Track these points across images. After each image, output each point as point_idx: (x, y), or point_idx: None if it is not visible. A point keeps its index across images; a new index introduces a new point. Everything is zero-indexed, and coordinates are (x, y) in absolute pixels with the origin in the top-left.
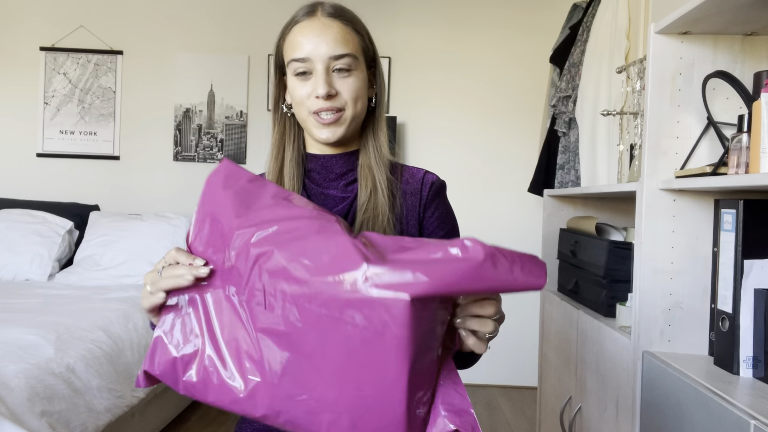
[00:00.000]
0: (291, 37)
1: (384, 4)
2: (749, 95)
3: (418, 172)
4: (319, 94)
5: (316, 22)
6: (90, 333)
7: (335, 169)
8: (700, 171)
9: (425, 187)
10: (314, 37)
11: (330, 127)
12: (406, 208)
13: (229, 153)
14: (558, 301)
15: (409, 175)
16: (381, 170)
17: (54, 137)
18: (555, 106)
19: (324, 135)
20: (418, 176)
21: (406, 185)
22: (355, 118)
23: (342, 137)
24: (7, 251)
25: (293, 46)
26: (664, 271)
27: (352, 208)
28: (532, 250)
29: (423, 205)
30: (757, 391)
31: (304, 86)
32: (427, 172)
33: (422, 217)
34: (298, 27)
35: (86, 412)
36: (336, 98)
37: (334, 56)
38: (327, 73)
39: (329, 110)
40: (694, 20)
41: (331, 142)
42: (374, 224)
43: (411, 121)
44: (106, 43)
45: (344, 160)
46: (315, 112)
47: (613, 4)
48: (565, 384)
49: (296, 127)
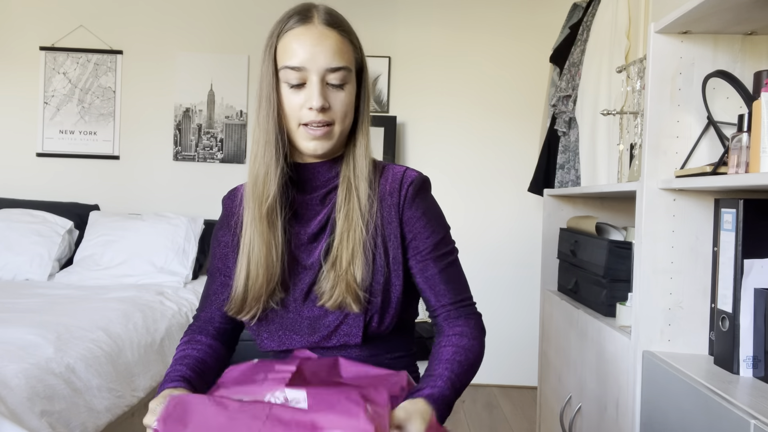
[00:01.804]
0: (285, 42)
1: (384, 4)
2: (749, 95)
3: (399, 169)
4: (313, 105)
5: (313, 30)
6: (90, 333)
7: (319, 177)
8: (700, 170)
9: (404, 185)
10: (311, 46)
11: (319, 140)
12: (384, 209)
13: (229, 153)
14: (558, 301)
15: (390, 174)
16: (361, 178)
17: (54, 137)
18: (555, 105)
19: (312, 147)
20: (398, 174)
21: (386, 184)
22: (342, 133)
23: (329, 151)
24: (7, 251)
25: (287, 53)
26: (664, 271)
27: (331, 217)
28: (532, 250)
29: (402, 204)
30: (757, 390)
31: (296, 96)
32: (408, 169)
33: (402, 218)
34: (293, 34)
35: (86, 412)
36: (328, 111)
37: (330, 68)
38: (322, 85)
39: (320, 124)
40: (694, 20)
41: (318, 154)
42: (351, 232)
43: (411, 120)
44: (105, 43)
45: (327, 168)
46: (306, 123)
47: (613, 3)
48: (565, 383)
49: (283, 133)
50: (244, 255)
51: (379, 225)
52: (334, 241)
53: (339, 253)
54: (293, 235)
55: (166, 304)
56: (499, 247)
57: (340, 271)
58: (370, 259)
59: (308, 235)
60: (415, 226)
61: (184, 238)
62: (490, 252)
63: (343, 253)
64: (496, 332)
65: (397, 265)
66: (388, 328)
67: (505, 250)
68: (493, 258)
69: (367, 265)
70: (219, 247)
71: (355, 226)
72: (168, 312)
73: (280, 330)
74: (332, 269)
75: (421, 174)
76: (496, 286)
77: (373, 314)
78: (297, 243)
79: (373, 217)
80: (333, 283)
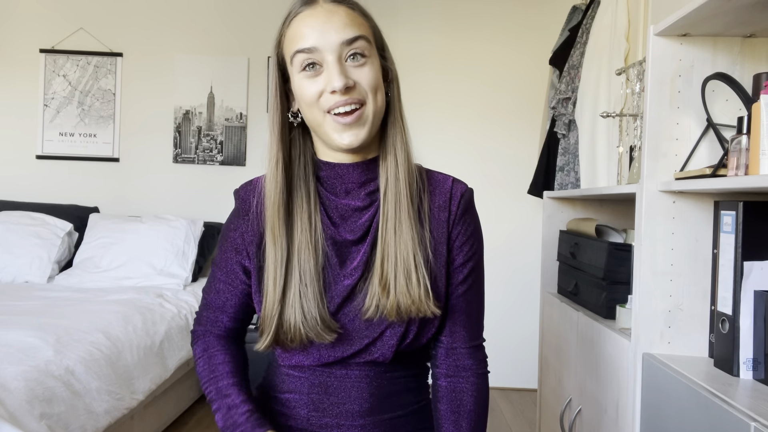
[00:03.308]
0: (292, 30)
1: (383, 6)
2: (749, 97)
3: (445, 180)
4: (335, 87)
5: (318, 10)
6: (89, 335)
7: (353, 178)
8: (700, 173)
9: (454, 201)
10: (319, 25)
11: (352, 129)
12: (434, 223)
13: (229, 155)
14: (558, 303)
15: (436, 183)
16: (407, 181)
17: (54, 139)
18: (554, 108)
19: (346, 140)
20: (446, 186)
21: (433, 196)
22: (376, 115)
23: (365, 140)
24: (7, 253)
25: (296, 38)
26: (663, 273)
27: (374, 221)
28: (532, 252)
29: (452, 221)
30: (757, 392)
31: (314, 83)
32: (456, 181)
33: (451, 234)
34: (299, 18)
35: (85, 415)
36: (354, 90)
37: (346, 41)
38: (340, 63)
39: (347, 104)
40: (694, 22)
41: (354, 146)
42: (399, 240)
43: (410, 122)
44: (105, 45)
45: (363, 170)
46: (331, 110)
47: (612, 6)
48: (565, 386)
49: (303, 137)
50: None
51: (429, 241)
52: (377, 252)
53: (388, 264)
54: (328, 238)
55: (166, 307)
56: (499, 249)
57: (392, 283)
58: (422, 275)
59: (344, 241)
60: (460, 243)
61: (184, 241)
62: (490, 254)
63: (396, 263)
64: (496, 335)
65: (441, 282)
66: (422, 344)
67: (504, 253)
68: (493, 260)
69: (419, 283)
70: (233, 242)
71: (411, 234)
72: (167, 314)
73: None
74: (379, 281)
75: (468, 187)
76: (496, 288)
77: (411, 331)
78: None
79: (427, 234)
80: (382, 295)
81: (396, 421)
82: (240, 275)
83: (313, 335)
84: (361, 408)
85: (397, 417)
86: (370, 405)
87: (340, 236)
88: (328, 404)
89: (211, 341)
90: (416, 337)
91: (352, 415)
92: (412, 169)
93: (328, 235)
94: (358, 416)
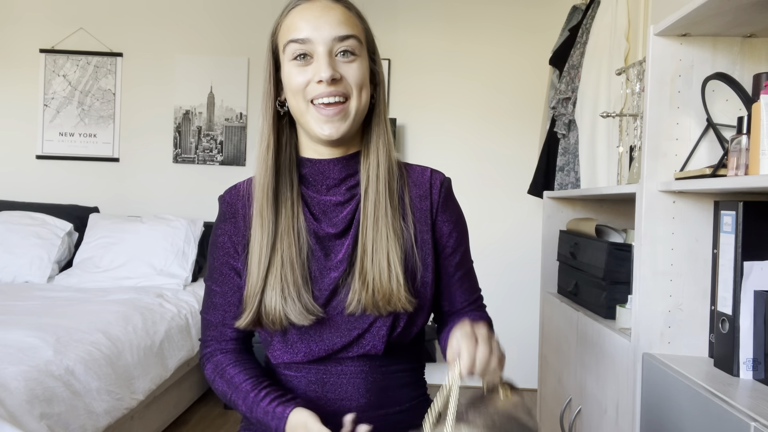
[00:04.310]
0: (288, 20)
1: (383, 6)
2: (748, 97)
3: (423, 171)
4: (322, 77)
5: (316, 4)
6: (89, 335)
7: (334, 174)
8: (700, 173)
9: (434, 189)
10: (315, 18)
11: (333, 122)
12: (417, 213)
13: (229, 155)
14: (558, 303)
15: (415, 175)
16: (386, 175)
17: (54, 139)
18: (554, 108)
19: (327, 131)
20: (425, 177)
21: (414, 188)
22: (359, 112)
23: (345, 134)
24: (7, 253)
25: (291, 28)
26: (663, 273)
27: (356, 216)
28: (531, 252)
29: (435, 209)
30: (757, 392)
31: (302, 73)
32: (434, 171)
33: (435, 221)
34: (297, 10)
35: (85, 415)
36: (340, 83)
37: (338, 37)
38: (330, 56)
39: (331, 95)
40: (694, 22)
41: (334, 139)
42: (377, 237)
43: (410, 122)
44: (105, 45)
45: (343, 165)
46: (315, 99)
47: (612, 6)
48: (565, 386)
49: (290, 128)
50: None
51: (412, 233)
52: (358, 247)
53: (367, 259)
54: (311, 234)
55: (166, 307)
56: (499, 249)
57: (369, 278)
58: (412, 264)
59: (327, 235)
60: (446, 230)
61: (184, 241)
62: (490, 254)
63: (373, 259)
64: (496, 334)
65: (428, 272)
66: (413, 335)
67: (504, 252)
68: (493, 260)
69: (390, 279)
70: (223, 247)
71: (383, 229)
72: (167, 314)
73: (297, 339)
74: (359, 276)
75: (444, 174)
76: (496, 288)
77: (401, 321)
78: (316, 243)
79: (410, 226)
80: (362, 290)
81: (394, 417)
82: (234, 279)
83: (292, 317)
84: (358, 404)
85: (395, 412)
86: (367, 400)
87: (322, 230)
88: (325, 401)
89: (219, 360)
90: (407, 327)
91: (350, 411)
92: (392, 166)
93: (311, 230)
94: (355, 412)
